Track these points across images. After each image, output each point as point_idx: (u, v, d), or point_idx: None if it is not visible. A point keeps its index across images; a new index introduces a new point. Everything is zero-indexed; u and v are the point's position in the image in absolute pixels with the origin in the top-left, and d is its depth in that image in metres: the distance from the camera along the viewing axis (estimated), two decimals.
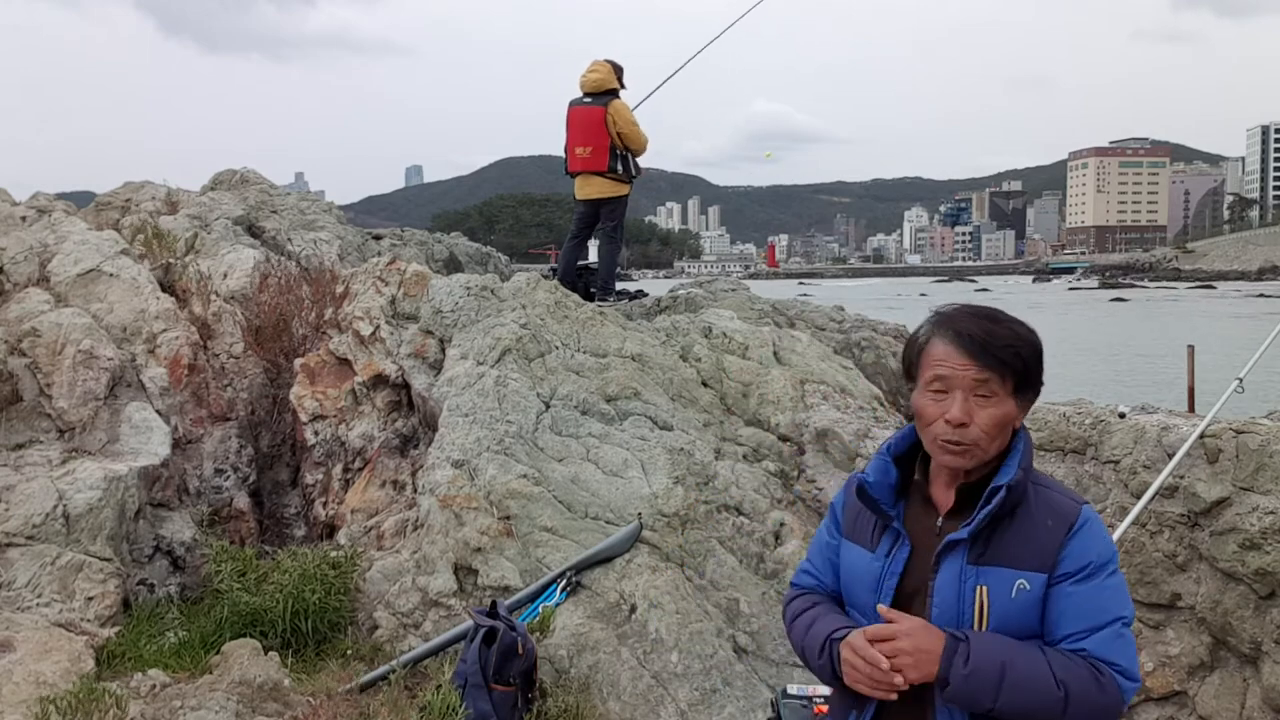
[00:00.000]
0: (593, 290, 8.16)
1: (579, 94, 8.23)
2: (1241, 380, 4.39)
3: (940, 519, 1.95)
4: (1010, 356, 1.88)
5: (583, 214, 8.49)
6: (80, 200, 9.64)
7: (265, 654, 4.09)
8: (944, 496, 1.96)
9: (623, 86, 8.29)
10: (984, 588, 1.86)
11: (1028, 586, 1.86)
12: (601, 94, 8.11)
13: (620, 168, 8.16)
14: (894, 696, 1.83)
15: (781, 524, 5.05)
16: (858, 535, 2.03)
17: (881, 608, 1.88)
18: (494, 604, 4.23)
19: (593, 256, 9.30)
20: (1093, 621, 1.86)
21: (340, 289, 7.02)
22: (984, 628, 1.86)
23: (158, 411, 5.80)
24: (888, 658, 1.81)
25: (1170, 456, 4.05)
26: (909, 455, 2.02)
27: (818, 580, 2.13)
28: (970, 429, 1.86)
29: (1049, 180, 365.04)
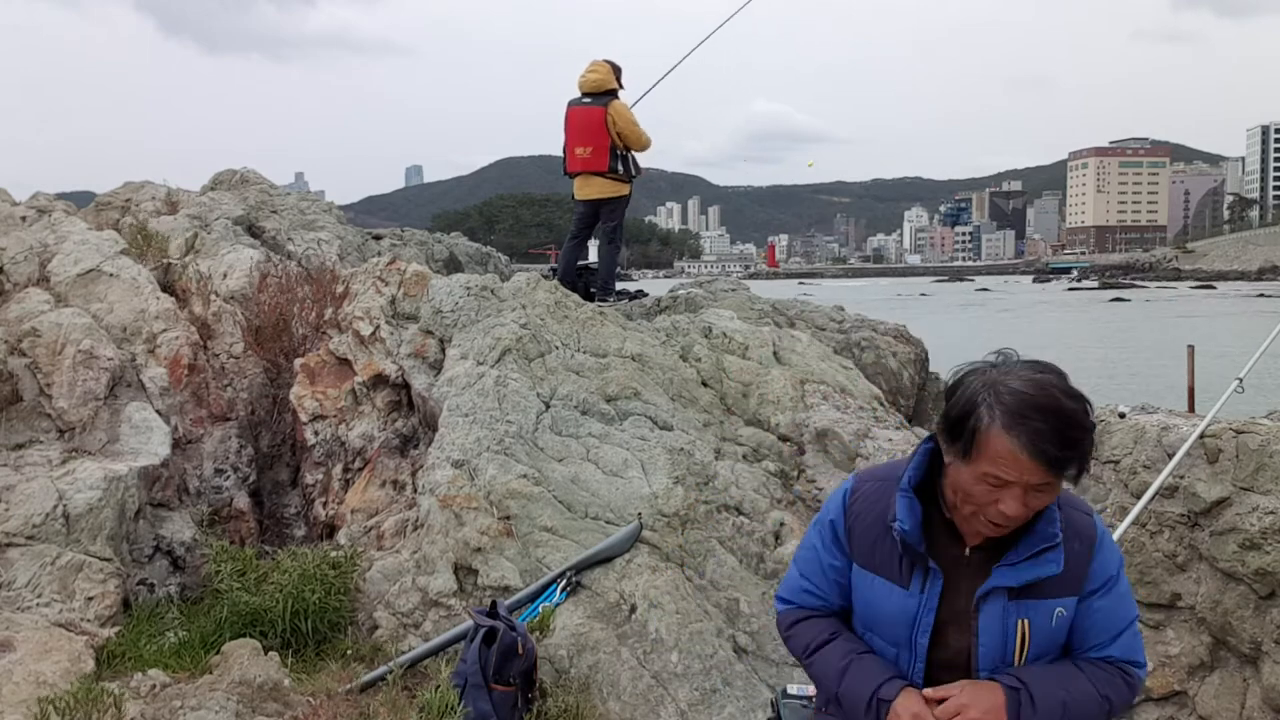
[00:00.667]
0: (593, 290, 8.16)
1: (578, 94, 8.23)
2: (1241, 380, 4.39)
3: (968, 548, 1.94)
4: (1079, 459, 1.78)
5: (582, 214, 8.49)
6: (80, 200, 9.63)
7: (265, 654, 4.08)
8: (970, 527, 1.92)
9: (621, 86, 8.29)
10: (1026, 621, 1.89)
11: (1065, 613, 1.91)
12: (601, 94, 8.11)
13: (620, 168, 8.16)
14: None
15: (781, 524, 5.05)
16: (879, 566, 1.97)
17: (928, 691, 1.88)
18: (494, 604, 4.23)
19: (593, 256, 9.30)
20: (1116, 629, 1.94)
21: (340, 289, 7.02)
22: (1024, 656, 1.90)
23: (158, 411, 5.80)
24: None
25: (1170, 456, 4.05)
26: (924, 482, 1.98)
27: (823, 600, 2.08)
28: (1022, 515, 1.82)
29: (1049, 180, 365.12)
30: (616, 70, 8.28)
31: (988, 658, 1.89)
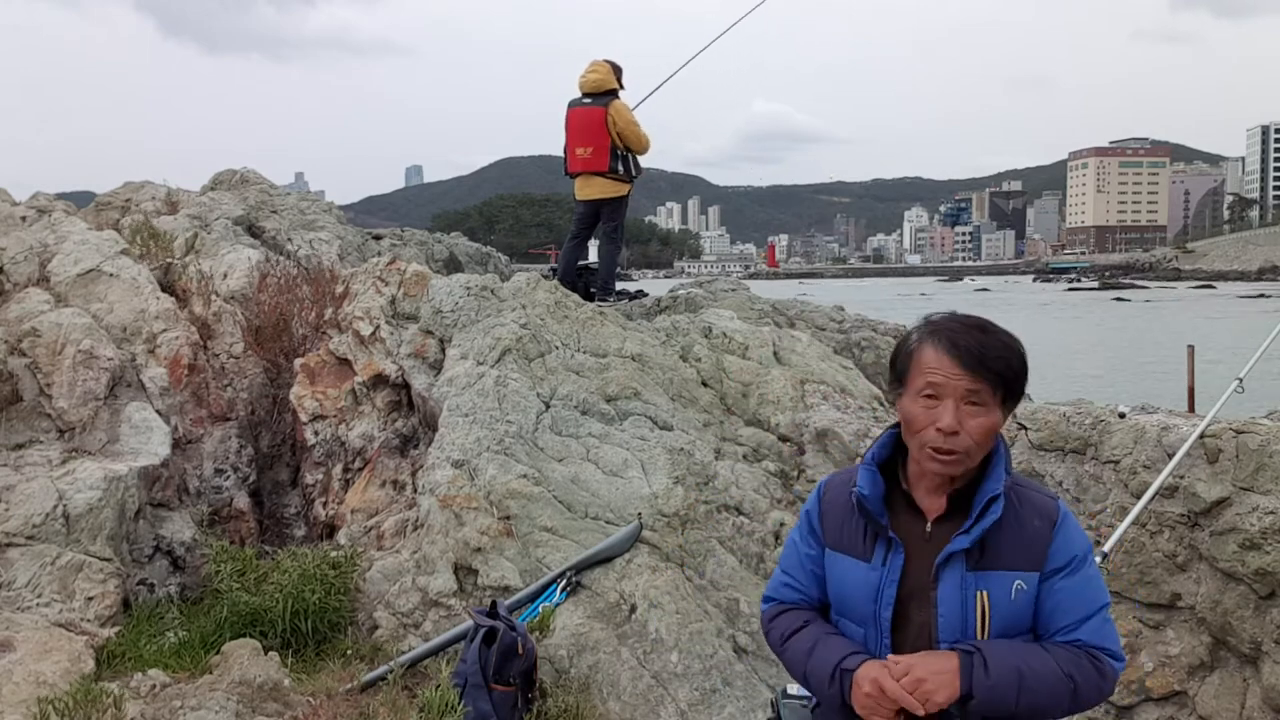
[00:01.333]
0: (593, 290, 8.15)
1: (578, 94, 8.23)
2: (1241, 380, 4.39)
3: (929, 524, 1.99)
4: (1002, 367, 1.91)
5: (583, 214, 8.48)
6: (80, 200, 9.64)
7: (265, 654, 4.09)
8: (929, 501, 2.00)
9: (622, 87, 8.28)
10: (984, 593, 1.92)
11: (1025, 587, 1.94)
12: (601, 94, 8.10)
13: (621, 168, 8.15)
14: None
15: (781, 524, 5.05)
16: (846, 545, 2.05)
17: (891, 658, 1.93)
18: (494, 604, 4.23)
19: (593, 256, 9.30)
20: (1083, 612, 1.96)
21: (340, 289, 7.02)
22: (986, 631, 1.92)
23: (158, 411, 5.80)
24: (909, 690, 1.86)
25: (1170, 456, 4.05)
26: (889, 462, 2.06)
27: (802, 594, 2.15)
28: (960, 437, 1.90)
29: (1049, 180, 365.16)
30: (617, 70, 8.27)
31: (947, 629, 1.92)
